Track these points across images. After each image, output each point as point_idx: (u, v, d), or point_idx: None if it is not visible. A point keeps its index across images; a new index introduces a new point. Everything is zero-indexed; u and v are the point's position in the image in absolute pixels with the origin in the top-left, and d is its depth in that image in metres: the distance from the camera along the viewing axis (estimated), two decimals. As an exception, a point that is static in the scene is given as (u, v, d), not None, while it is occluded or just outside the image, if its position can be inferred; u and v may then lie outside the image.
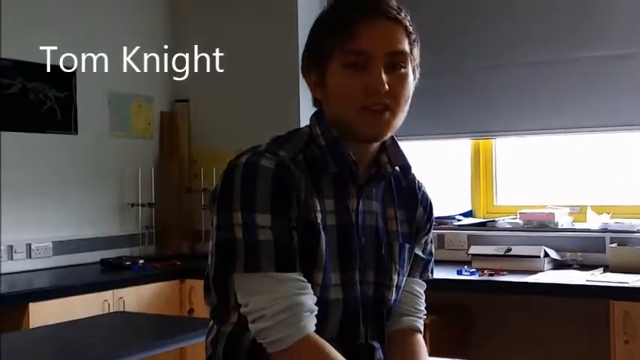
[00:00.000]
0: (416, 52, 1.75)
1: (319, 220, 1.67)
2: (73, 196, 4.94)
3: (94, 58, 4.99)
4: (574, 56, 4.55)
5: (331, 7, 1.77)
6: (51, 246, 4.76)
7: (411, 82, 1.74)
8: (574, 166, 4.79)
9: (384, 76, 1.67)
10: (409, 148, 1.82)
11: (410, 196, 1.89)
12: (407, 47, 1.71)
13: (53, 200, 4.82)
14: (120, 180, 5.25)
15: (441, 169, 5.15)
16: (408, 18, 1.73)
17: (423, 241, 1.93)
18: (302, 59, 1.80)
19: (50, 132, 4.80)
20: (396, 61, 1.70)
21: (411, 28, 1.73)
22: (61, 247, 4.82)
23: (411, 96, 1.74)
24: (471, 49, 4.86)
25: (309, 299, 1.62)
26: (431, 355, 1.92)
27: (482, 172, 4.98)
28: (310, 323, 1.61)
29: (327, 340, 1.63)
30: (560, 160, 4.85)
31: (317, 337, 1.62)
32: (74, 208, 4.94)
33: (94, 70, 5.01)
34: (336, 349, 1.63)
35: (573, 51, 4.56)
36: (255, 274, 1.60)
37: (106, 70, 5.08)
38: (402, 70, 1.71)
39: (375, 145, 1.77)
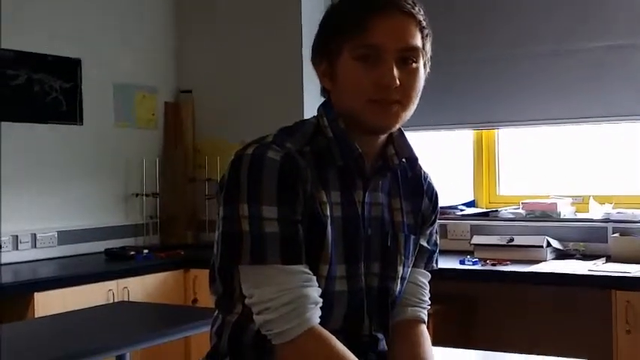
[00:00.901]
0: (428, 46, 1.73)
1: (325, 213, 1.67)
2: (78, 186, 4.95)
3: (99, 53, 5.02)
4: (576, 47, 4.55)
5: None
6: (56, 236, 4.77)
7: (422, 77, 1.73)
8: (576, 156, 4.80)
9: (395, 71, 1.66)
10: (412, 138, 1.82)
11: (415, 186, 1.89)
12: (419, 42, 1.70)
13: (58, 190, 4.83)
14: (124, 170, 5.26)
15: (443, 159, 5.16)
16: (422, 12, 1.71)
17: (428, 232, 1.93)
18: (312, 48, 1.79)
19: (55, 122, 4.81)
20: (407, 56, 1.68)
21: (424, 23, 1.71)
22: (66, 237, 4.83)
23: (421, 90, 1.73)
24: (474, 40, 4.86)
25: (314, 291, 1.63)
26: (434, 344, 1.93)
27: (484, 162, 4.99)
28: (315, 315, 1.62)
29: (331, 332, 1.64)
30: (562, 150, 4.85)
31: (321, 329, 1.62)
32: (79, 198, 4.95)
33: (99, 63, 5.03)
34: (340, 340, 1.64)
35: (576, 42, 4.56)
36: (261, 266, 1.60)
37: (110, 63, 5.09)
38: (414, 64, 1.70)
39: (382, 136, 1.77)
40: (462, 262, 4.29)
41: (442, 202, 2.02)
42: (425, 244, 1.92)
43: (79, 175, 4.96)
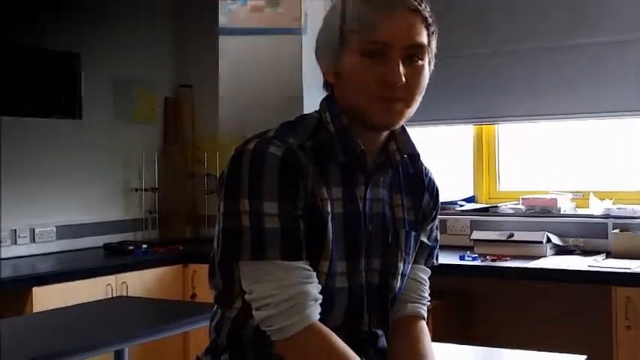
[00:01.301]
0: (433, 43, 1.73)
1: (326, 209, 1.66)
2: (77, 180, 4.95)
3: (98, 47, 5.01)
4: (576, 42, 4.54)
5: None
6: (54, 230, 4.77)
7: (427, 75, 1.72)
8: (577, 152, 4.79)
9: (401, 69, 1.65)
10: (412, 133, 1.81)
11: (417, 182, 1.88)
12: (425, 39, 1.69)
13: (57, 185, 4.83)
14: (123, 165, 5.26)
15: (443, 154, 5.15)
16: (428, 9, 1.70)
17: (429, 228, 1.92)
18: (316, 42, 1.77)
19: (54, 117, 4.81)
20: (413, 54, 1.67)
21: (430, 20, 1.70)
22: (65, 232, 4.83)
23: (425, 87, 1.72)
24: (473, 35, 4.85)
25: (314, 288, 1.62)
26: (433, 340, 1.92)
27: (484, 157, 4.98)
28: (315, 312, 1.61)
29: (331, 329, 1.63)
30: (562, 145, 4.85)
31: (321, 325, 1.62)
32: (78, 193, 4.95)
33: (98, 58, 5.02)
34: (340, 337, 1.63)
35: (575, 37, 4.54)
36: (261, 261, 1.60)
37: (109, 58, 5.09)
38: (419, 62, 1.69)
39: (385, 133, 1.76)
40: (461, 258, 4.28)
41: (442, 197, 2.01)
42: (425, 240, 1.91)
43: (78, 170, 4.96)
